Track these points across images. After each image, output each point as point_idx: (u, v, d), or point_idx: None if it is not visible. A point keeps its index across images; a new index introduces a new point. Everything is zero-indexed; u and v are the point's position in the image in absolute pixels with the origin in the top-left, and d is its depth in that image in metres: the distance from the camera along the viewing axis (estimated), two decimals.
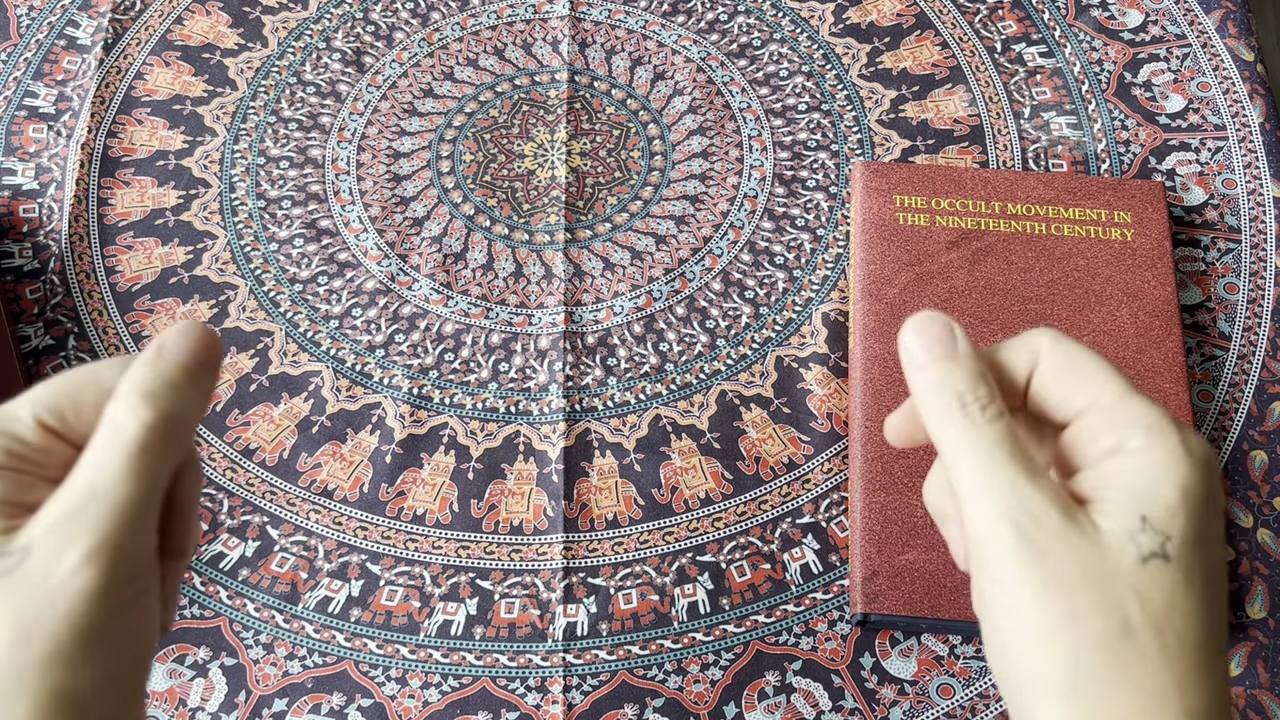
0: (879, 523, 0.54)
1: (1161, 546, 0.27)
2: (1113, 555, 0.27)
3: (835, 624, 0.55)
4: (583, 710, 0.53)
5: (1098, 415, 0.29)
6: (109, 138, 0.68)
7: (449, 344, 0.62)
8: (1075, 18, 0.72)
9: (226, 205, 0.66)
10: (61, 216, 0.65)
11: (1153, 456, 0.28)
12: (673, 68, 0.70)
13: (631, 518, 0.57)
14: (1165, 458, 0.28)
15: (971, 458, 0.29)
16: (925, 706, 0.53)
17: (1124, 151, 0.67)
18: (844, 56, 0.71)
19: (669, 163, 0.67)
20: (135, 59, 0.70)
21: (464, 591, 0.56)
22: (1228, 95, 0.68)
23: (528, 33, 0.72)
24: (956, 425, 0.29)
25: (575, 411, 0.60)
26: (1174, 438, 0.28)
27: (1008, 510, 0.28)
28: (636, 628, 0.55)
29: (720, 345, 0.62)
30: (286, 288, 0.64)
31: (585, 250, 0.64)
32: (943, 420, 0.30)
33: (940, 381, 0.30)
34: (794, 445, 0.59)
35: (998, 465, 0.28)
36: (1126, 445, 0.29)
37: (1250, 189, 0.65)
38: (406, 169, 0.67)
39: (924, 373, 0.30)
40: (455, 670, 0.54)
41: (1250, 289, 0.63)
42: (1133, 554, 0.27)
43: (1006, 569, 0.28)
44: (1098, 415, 0.29)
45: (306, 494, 0.58)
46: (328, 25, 0.72)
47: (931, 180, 0.62)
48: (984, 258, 0.60)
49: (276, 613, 0.55)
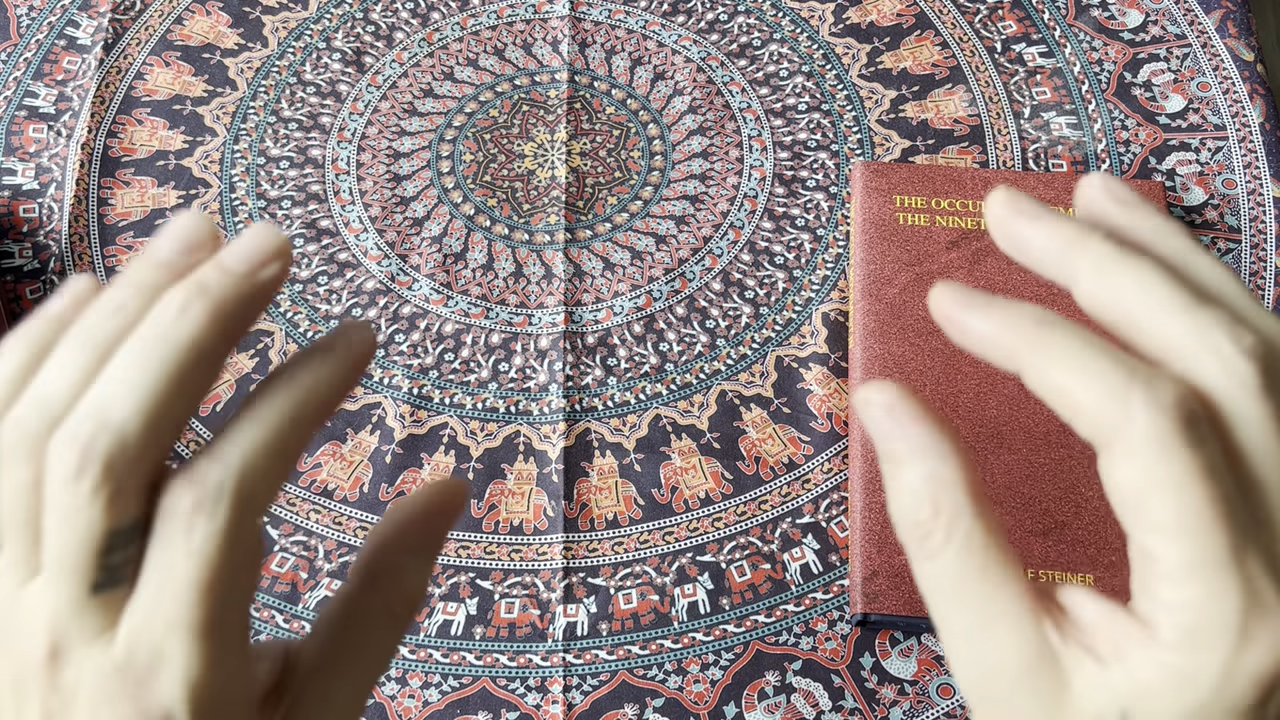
0: (879, 523, 0.54)
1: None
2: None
3: (835, 624, 0.55)
4: (583, 710, 0.53)
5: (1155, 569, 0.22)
6: (109, 138, 0.68)
7: (449, 344, 0.62)
8: (1075, 18, 0.72)
9: (227, 205, 0.66)
10: (61, 216, 0.65)
11: (1177, 661, 0.21)
12: (673, 68, 0.70)
13: (631, 518, 0.57)
14: (1191, 671, 0.21)
15: (934, 600, 0.24)
16: (925, 706, 0.53)
17: (1124, 151, 0.67)
18: (844, 56, 0.71)
19: (669, 163, 0.67)
20: (135, 59, 0.70)
21: (464, 591, 0.56)
22: (1228, 95, 0.68)
23: (528, 33, 0.72)
24: (915, 558, 0.24)
25: (575, 411, 0.60)
26: (1219, 656, 0.21)
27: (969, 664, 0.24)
28: (636, 628, 0.55)
29: (720, 345, 0.62)
30: (286, 288, 0.64)
31: (585, 250, 0.64)
32: (906, 545, 0.25)
33: (893, 504, 0.25)
34: (794, 445, 0.59)
35: (958, 609, 0.24)
36: (1155, 624, 0.22)
37: (1250, 189, 0.65)
38: (406, 169, 0.67)
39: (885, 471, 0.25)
40: (455, 670, 0.54)
41: (1250, 289, 0.63)
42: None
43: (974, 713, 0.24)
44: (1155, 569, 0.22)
45: (306, 494, 0.58)
46: (328, 25, 0.72)
47: (931, 180, 0.62)
48: (984, 258, 0.60)
49: (277, 613, 0.55)
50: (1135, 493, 0.22)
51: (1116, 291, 0.23)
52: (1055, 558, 0.53)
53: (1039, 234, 0.24)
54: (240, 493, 0.23)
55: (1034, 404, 0.56)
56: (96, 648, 0.23)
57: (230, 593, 0.23)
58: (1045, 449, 0.55)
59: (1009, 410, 0.56)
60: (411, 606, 0.27)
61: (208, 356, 0.24)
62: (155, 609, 0.23)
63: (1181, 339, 0.22)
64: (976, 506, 0.23)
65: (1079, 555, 0.53)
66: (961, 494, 0.23)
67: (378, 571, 0.27)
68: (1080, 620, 0.23)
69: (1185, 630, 0.21)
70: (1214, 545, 0.21)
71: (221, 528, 0.23)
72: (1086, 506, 0.54)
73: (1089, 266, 0.23)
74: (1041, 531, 0.53)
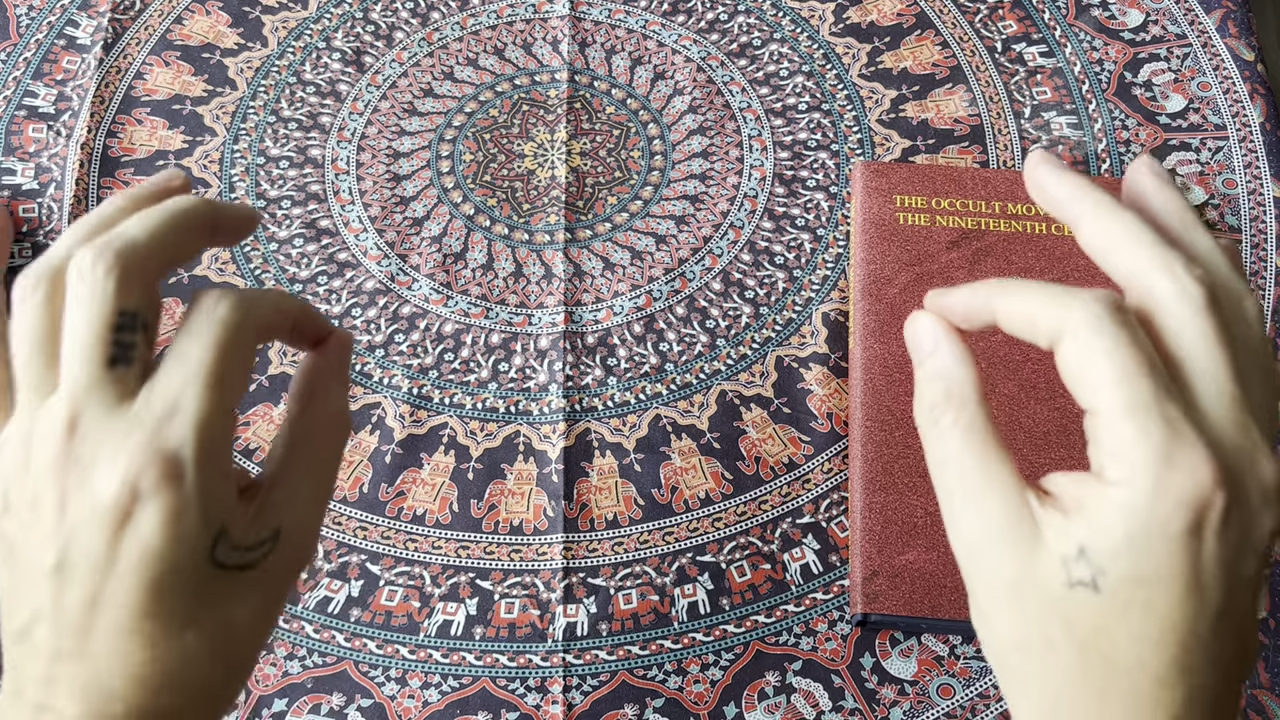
0: (879, 523, 0.54)
1: (1092, 579, 0.27)
2: (1043, 572, 0.28)
3: (835, 624, 0.55)
4: (583, 710, 0.53)
5: (1100, 424, 0.28)
6: (109, 137, 0.68)
7: (449, 344, 0.62)
8: (1075, 17, 0.71)
9: None
10: (61, 216, 0.65)
11: (1119, 494, 0.27)
12: (673, 67, 0.70)
13: (631, 518, 0.57)
14: (1129, 498, 0.26)
15: (941, 470, 0.30)
16: (925, 706, 0.53)
17: (1124, 151, 0.67)
18: (844, 56, 0.71)
19: (669, 162, 0.67)
20: (135, 59, 0.70)
21: (464, 591, 0.56)
22: (1228, 95, 0.68)
23: (528, 32, 0.72)
24: (928, 436, 0.31)
25: (575, 411, 0.60)
26: (1149, 479, 0.26)
27: (965, 524, 0.30)
28: (636, 628, 0.55)
29: (720, 345, 0.62)
30: (286, 288, 0.64)
31: (585, 250, 0.64)
32: (922, 432, 0.31)
33: (918, 390, 0.32)
34: (794, 445, 0.59)
35: (959, 477, 0.30)
36: (1104, 472, 0.27)
37: (1250, 189, 0.65)
38: (406, 169, 0.67)
39: (916, 375, 0.32)
40: (455, 670, 0.54)
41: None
42: (1061, 577, 0.27)
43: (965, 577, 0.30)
44: (1100, 424, 0.28)
45: None
46: (328, 25, 0.72)
47: (932, 180, 0.62)
48: (984, 258, 0.60)
49: None
50: (1079, 363, 0.28)
51: (1105, 230, 0.29)
52: None
53: (1058, 183, 0.31)
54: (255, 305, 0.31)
55: (1033, 404, 0.56)
56: (115, 413, 0.28)
57: (234, 364, 0.29)
58: (1045, 449, 0.55)
59: (1008, 410, 0.56)
60: (342, 424, 0.34)
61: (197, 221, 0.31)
62: (182, 363, 0.28)
63: (1148, 263, 0.28)
64: (980, 402, 0.30)
65: None
66: (970, 389, 0.30)
67: (308, 397, 0.34)
68: (1053, 489, 0.29)
69: (1123, 464, 0.27)
70: (1140, 389, 0.27)
71: (239, 315, 0.30)
72: None
73: (1089, 209, 0.30)
74: None
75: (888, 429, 0.56)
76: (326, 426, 0.34)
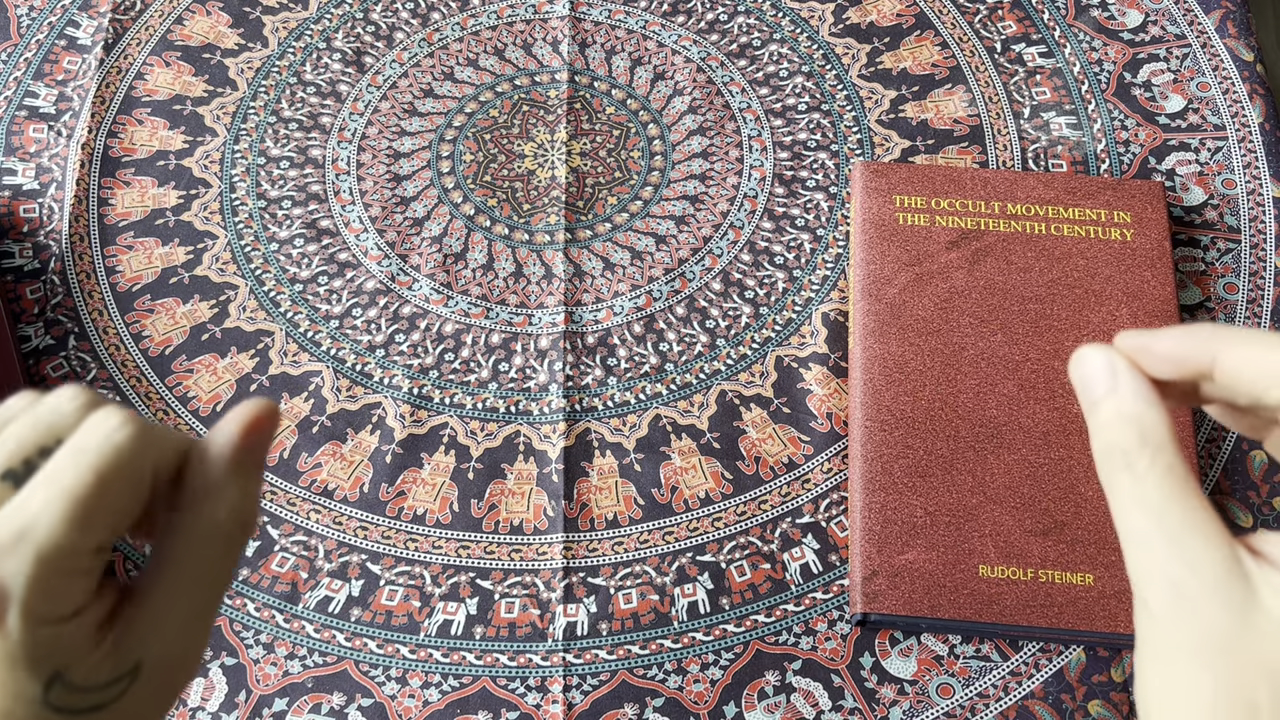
0: (879, 522, 0.54)
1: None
2: (1259, 634, 0.25)
3: (835, 624, 0.55)
4: (583, 710, 0.53)
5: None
6: (109, 138, 0.68)
7: (449, 344, 0.62)
8: (1075, 18, 0.72)
9: (227, 205, 0.66)
10: (62, 216, 0.65)
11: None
12: (673, 68, 0.70)
13: (631, 518, 0.57)
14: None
15: (1133, 512, 0.28)
16: (925, 706, 0.53)
17: (1124, 151, 0.67)
18: (844, 56, 0.71)
19: (669, 163, 0.67)
20: (135, 59, 0.71)
21: (464, 591, 0.56)
22: (1227, 95, 0.68)
23: (528, 33, 0.72)
24: (1117, 482, 0.28)
25: (575, 411, 0.60)
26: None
27: (1162, 572, 0.27)
28: (636, 627, 0.55)
29: (720, 345, 0.62)
30: (287, 288, 0.64)
31: (585, 250, 0.65)
32: (1109, 475, 0.29)
33: (1101, 432, 0.29)
34: (794, 445, 0.59)
35: (1158, 521, 0.27)
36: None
37: (1250, 189, 0.65)
38: (407, 169, 0.67)
39: (1091, 418, 0.30)
40: (455, 670, 0.54)
41: (1250, 289, 0.63)
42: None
43: (1153, 623, 0.27)
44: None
45: (307, 494, 0.58)
46: (328, 25, 0.72)
47: (931, 180, 0.62)
48: (984, 258, 0.60)
49: (277, 612, 0.55)
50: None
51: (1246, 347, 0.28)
52: (1055, 558, 0.53)
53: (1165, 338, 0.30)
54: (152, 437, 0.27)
55: (1033, 404, 0.56)
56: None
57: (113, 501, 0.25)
58: (1045, 449, 0.55)
59: (1008, 410, 0.56)
60: (243, 524, 0.28)
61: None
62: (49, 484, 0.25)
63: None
64: (1178, 445, 0.28)
65: (1079, 555, 0.53)
66: (1166, 432, 0.28)
67: (198, 492, 0.28)
68: (1270, 550, 0.27)
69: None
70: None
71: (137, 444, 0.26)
72: (1086, 506, 0.54)
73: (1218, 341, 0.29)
74: (1041, 531, 0.54)
75: (888, 429, 0.56)
76: (220, 530, 0.28)
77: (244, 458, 0.29)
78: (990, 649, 0.54)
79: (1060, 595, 0.52)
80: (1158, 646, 0.27)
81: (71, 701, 0.25)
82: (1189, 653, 0.26)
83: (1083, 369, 0.30)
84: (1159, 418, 0.28)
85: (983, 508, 0.54)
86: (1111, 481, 0.28)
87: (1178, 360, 0.29)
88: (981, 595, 0.53)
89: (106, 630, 0.26)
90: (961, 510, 0.54)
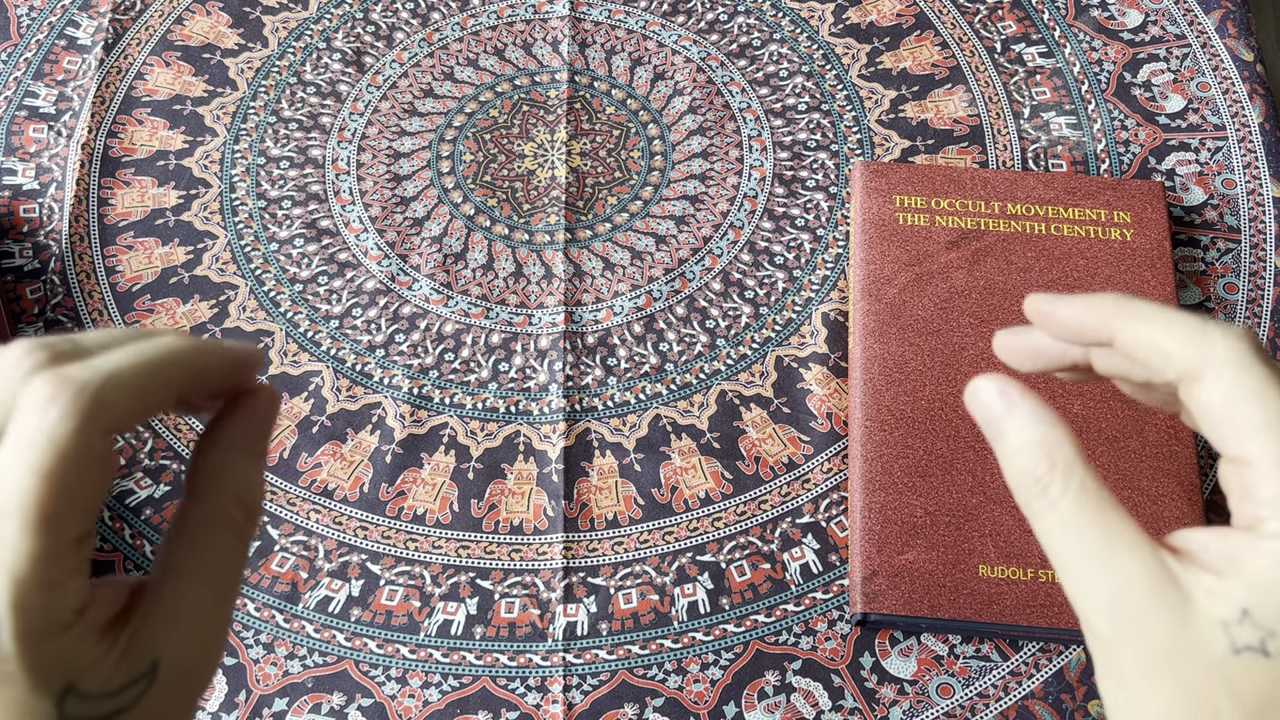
0: (879, 522, 0.54)
1: (1261, 642, 0.25)
2: (1202, 638, 0.25)
3: (835, 624, 0.55)
4: (583, 710, 0.53)
5: (1255, 474, 0.26)
6: (109, 138, 0.68)
7: (449, 344, 0.62)
8: (1075, 18, 0.72)
9: (227, 205, 0.66)
10: (62, 216, 0.65)
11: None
12: (673, 68, 0.70)
13: (631, 517, 0.57)
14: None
15: (1057, 542, 0.28)
16: (925, 706, 0.53)
17: (1123, 151, 0.67)
18: (844, 56, 0.71)
19: (669, 163, 0.67)
20: (135, 59, 0.71)
21: (464, 591, 0.56)
22: (1227, 95, 0.68)
23: (528, 33, 0.72)
24: (1035, 509, 0.28)
25: (575, 411, 0.60)
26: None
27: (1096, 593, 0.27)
28: (636, 627, 0.55)
29: (720, 345, 0.62)
30: (287, 288, 0.64)
31: (585, 250, 0.65)
32: (1026, 504, 0.29)
33: (1010, 462, 0.29)
34: (794, 445, 0.59)
35: (1080, 545, 0.27)
36: (1264, 526, 0.25)
37: (1250, 189, 0.65)
38: (407, 169, 0.67)
39: (997, 448, 0.30)
40: (455, 670, 0.54)
41: (1250, 289, 0.63)
42: (1224, 644, 0.25)
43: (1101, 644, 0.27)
44: (1255, 474, 0.26)
45: (306, 494, 0.58)
46: (328, 25, 0.72)
47: (931, 180, 0.62)
48: (984, 258, 0.60)
49: (277, 612, 0.55)
50: (1226, 405, 0.26)
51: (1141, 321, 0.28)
52: None
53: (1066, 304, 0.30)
54: (99, 396, 0.24)
55: None
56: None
57: (72, 493, 0.23)
58: None
59: None
60: (248, 510, 0.27)
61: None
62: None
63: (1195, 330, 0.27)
64: (1085, 461, 0.28)
65: None
66: (1072, 450, 0.28)
67: (205, 477, 0.27)
68: (1190, 547, 0.27)
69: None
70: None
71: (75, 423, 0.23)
72: None
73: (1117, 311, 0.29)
74: None
75: (887, 429, 0.56)
76: (225, 517, 0.27)
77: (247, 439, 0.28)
78: (990, 649, 0.54)
79: (1060, 595, 0.52)
80: (1110, 666, 0.27)
81: (88, 711, 0.24)
82: (1141, 668, 0.26)
83: (977, 399, 0.30)
84: (1062, 436, 0.28)
85: (983, 508, 0.54)
86: (1030, 510, 0.28)
87: (1079, 329, 0.29)
88: (981, 595, 0.53)
89: (117, 630, 0.25)
90: (961, 510, 0.54)
